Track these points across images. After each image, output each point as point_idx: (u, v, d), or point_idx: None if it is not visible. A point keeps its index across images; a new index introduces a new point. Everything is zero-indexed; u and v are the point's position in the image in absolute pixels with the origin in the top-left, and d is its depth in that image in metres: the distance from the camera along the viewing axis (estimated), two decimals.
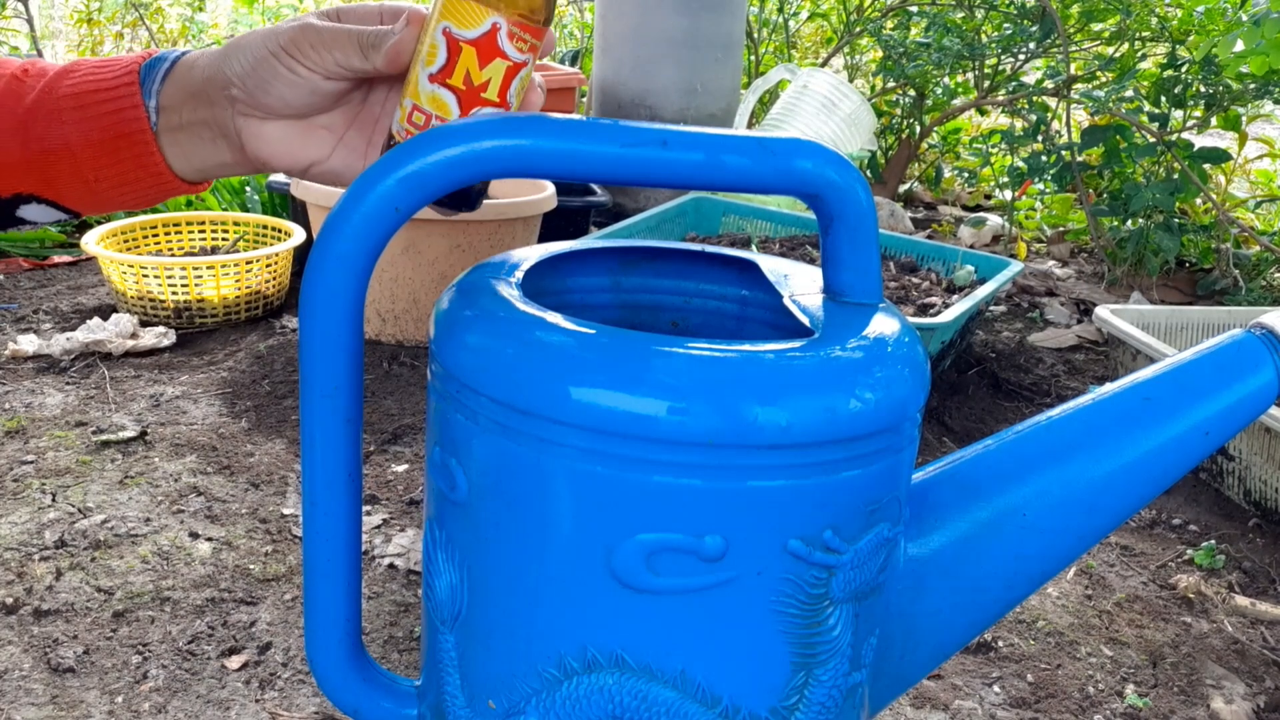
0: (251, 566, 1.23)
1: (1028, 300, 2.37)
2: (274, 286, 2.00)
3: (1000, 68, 3.11)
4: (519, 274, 0.51)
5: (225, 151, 0.57)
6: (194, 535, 1.29)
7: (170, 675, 1.05)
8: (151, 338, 1.82)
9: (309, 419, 0.49)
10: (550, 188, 1.97)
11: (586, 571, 0.44)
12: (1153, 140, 2.49)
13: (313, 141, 0.57)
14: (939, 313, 1.64)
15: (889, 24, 3.32)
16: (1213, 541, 1.41)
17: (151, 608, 1.15)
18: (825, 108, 2.44)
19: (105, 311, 1.96)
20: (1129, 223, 2.54)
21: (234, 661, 1.08)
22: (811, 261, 1.85)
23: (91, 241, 1.93)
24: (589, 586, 0.44)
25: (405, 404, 1.67)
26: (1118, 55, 2.81)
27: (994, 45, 2.98)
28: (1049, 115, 2.80)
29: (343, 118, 0.58)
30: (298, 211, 2.16)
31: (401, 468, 1.48)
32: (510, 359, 0.44)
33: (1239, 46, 2.01)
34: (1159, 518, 1.48)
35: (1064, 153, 2.61)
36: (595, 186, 2.32)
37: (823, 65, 3.45)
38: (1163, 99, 2.52)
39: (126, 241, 2.05)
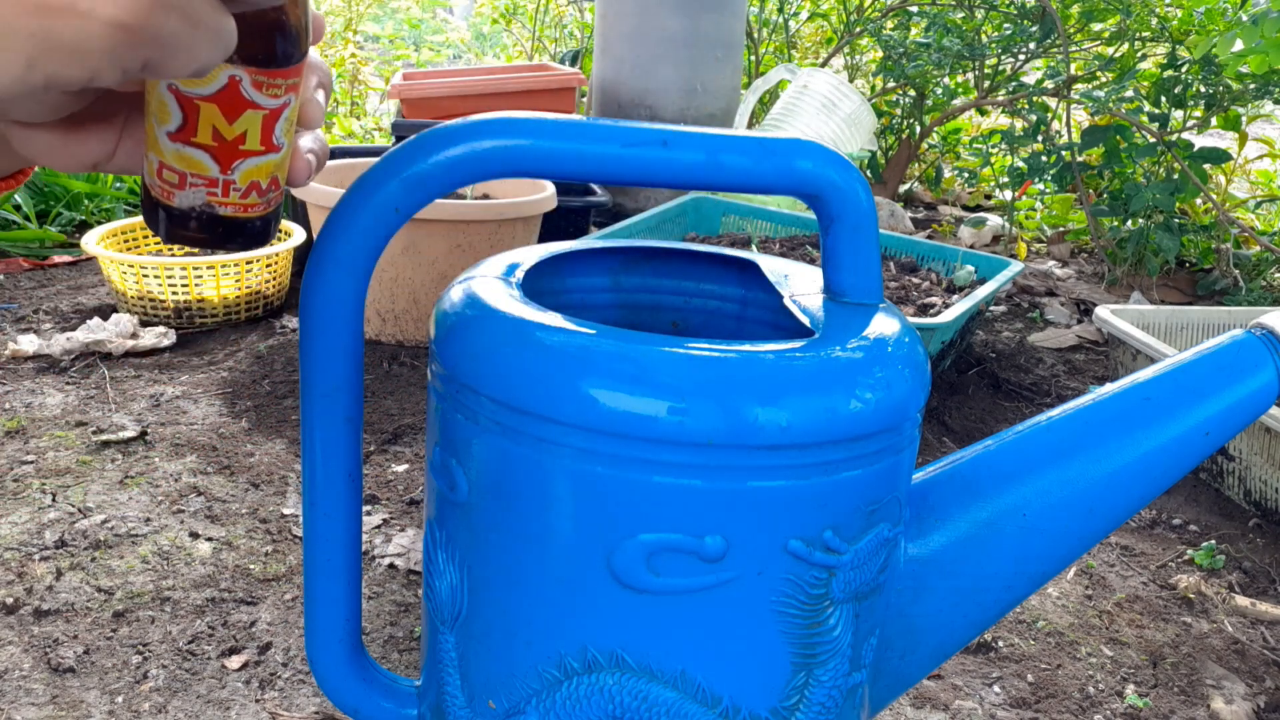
0: (251, 566, 1.23)
1: (1028, 300, 2.37)
2: (274, 286, 2.00)
3: (1000, 68, 3.11)
4: (519, 274, 0.51)
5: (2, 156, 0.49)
6: (194, 535, 1.29)
7: (170, 675, 1.05)
8: (151, 338, 1.82)
9: (309, 419, 0.49)
10: (550, 188, 1.97)
11: (587, 572, 0.44)
12: (1153, 140, 2.49)
13: (91, 140, 0.47)
14: (939, 313, 1.64)
15: (889, 24, 3.32)
16: (1213, 541, 1.40)
17: (151, 608, 1.15)
18: (825, 108, 2.44)
19: (105, 311, 1.96)
20: (1129, 223, 2.54)
21: (234, 661, 1.08)
22: (811, 261, 1.85)
23: (91, 241, 1.92)
24: (589, 587, 0.44)
25: (405, 404, 1.67)
26: (1118, 55, 2.81)
27: (994, 45, 2.98)
28: (1049, 115, 2.80)
29: (114, 103, 0.48)
30: (298, 211, 2.16)
31: (401, 468, 1.48)
32: (510, 359, 0.44)
33: (1238, 46, 2.01)
34: (1159, 518, 1.48)
35: (1064, 153, 2.61)
36: (595, 186, 2.32)
37: (823, 65, 3.45)
38: (1163, 99, 2.52)
39: (127, 241, 2.05)
